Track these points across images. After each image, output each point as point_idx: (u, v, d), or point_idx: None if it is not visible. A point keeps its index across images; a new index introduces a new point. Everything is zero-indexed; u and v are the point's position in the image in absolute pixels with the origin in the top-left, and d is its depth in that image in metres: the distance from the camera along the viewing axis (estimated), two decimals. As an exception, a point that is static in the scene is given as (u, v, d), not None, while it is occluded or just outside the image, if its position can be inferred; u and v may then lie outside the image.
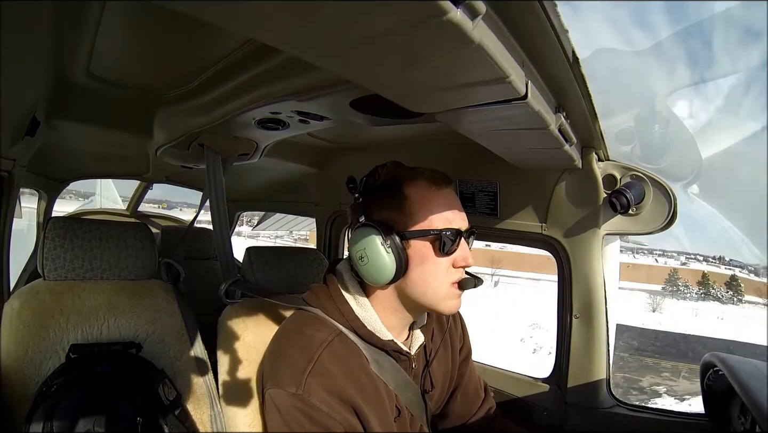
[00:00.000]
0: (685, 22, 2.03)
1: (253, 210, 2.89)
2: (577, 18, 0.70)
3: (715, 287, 34.10)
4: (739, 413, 0.83)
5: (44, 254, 0.98)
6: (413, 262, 0.77)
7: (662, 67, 1.06)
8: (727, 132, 1.15)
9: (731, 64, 1.10)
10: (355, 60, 0.52)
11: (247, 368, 0.89)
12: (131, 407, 0.84)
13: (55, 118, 1.21)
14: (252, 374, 0.88)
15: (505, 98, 0.60)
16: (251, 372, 0.89)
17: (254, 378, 0.88)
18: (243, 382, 0.88)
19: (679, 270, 36.99)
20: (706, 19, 1.29)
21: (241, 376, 0.88)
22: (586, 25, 0.89)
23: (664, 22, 11.25)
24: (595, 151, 1.01)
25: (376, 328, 0.81)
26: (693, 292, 34.06)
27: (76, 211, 3.96)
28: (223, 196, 1.22)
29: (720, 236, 15.96)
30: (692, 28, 1.35)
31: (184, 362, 1.02)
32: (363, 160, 1.52)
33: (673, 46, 1.15)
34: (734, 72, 1.09)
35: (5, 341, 0.88)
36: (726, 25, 1.21)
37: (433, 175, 0.80)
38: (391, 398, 0.81)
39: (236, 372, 0.89)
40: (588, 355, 1.08)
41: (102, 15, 0.74)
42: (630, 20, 14.21)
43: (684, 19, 5.71)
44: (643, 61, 1.00)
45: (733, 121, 1.16)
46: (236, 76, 0.91)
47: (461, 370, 1.01)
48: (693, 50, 1.10)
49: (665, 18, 11.30)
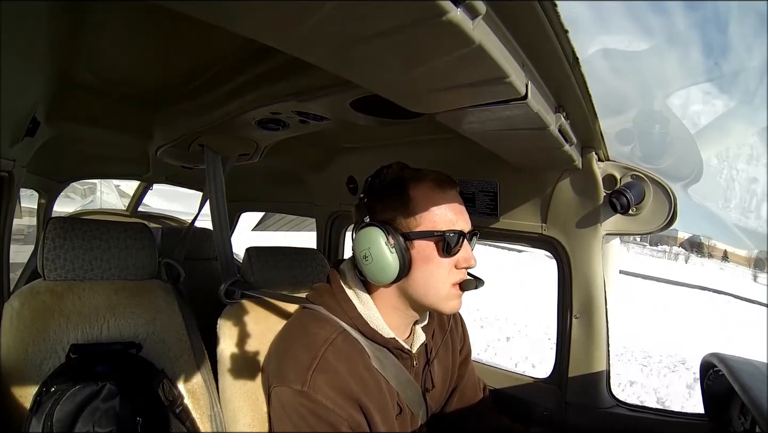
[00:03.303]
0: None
1: (253, 210, 2.89)
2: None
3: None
4: (739, 413, 0.83)
5: (44, 254, 0.97)
6: (416, 262, 0.78)
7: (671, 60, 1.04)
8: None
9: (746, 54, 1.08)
10: (355, 60, 0.53)
11: (247, 368, 0.89)
12: (131, 407, 0.85)
13: (55, 118, 1.20)
14: (252, 373, 0.88)
15: (505, 98, 0.60)
16: (251, 372, 0.89)
17: (254, 378, 0.88)
18: (243, 382, 0.88)
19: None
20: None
21: (241, 376, 0.88)
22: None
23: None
24: (595, 151, 1.01)
25: (379, 326, 0.82)
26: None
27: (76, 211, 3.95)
28: (223, 196, 1.22)
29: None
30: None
31: (184, 362, 1.02)
32: (363, 160, 1.52)
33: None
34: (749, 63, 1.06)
35: (5, 341, 0.88)
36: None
37: (437, 177, 0.81)
38: (392, 395, 0.82)
39: (236, 372, 0.89)
40: (588, 355, 1.08)
41: (102, 15, 0.74)
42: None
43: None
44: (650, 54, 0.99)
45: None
46: (236, 77, 0.91)
47: (461, 370, 1.01)
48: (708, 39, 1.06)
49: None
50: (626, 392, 4.36)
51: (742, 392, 0.69)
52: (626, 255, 25.03)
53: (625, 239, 20.06)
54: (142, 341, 0.99)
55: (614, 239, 1.09)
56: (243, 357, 0.90)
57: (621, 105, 0.97)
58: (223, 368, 0.91)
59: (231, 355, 0.90)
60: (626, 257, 23.60)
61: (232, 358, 0.90)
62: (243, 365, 0.89)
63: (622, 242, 1.02)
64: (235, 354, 0.90)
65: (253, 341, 0.92)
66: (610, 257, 1.08)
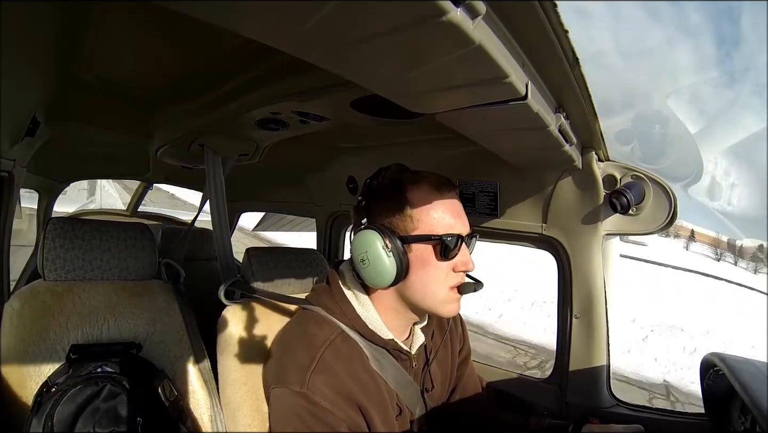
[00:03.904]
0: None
1: (254, 210, 2.89)
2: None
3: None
4: (739, 413, 0.83)
5: (44, 255, 0.97)
6: (414, 266, 0.78)
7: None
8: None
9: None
10: (355, 60, 0.53)
11: (246, 368, 0.89)
12: (132, 408, 0.85)
13: (55, 119, 1.20)
14: (252, 374, 0.88)
15: (505, 98, 0.60)
16: (251, 372, 0.89)
17: (254, 378, 0.88)
18: (243, 382, 0.88)
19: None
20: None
21: (241, 376, 0.88)
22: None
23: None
24: (595, 152, 1.00)
25: (378, 327, 0.82)
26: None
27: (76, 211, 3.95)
28: (223, 196, 1.22)
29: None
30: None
31: (184, 362, 1.02)
32: (363, 161, 1.52)
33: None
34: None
35: (5, 341, 0.88)
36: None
37: (436, 179, 0.80)
38: (392, 396, 0.82)
39: (236, 372, 0.89)
40: (588, 355, 1.08)
41: (102, 15, 0.74)
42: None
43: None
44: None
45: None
46: (236, 77, 0.91)
47: (460, 370, 1.01)
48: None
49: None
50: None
51: (742, 392, 0.69)
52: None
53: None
54: (142, 342, 0.99)
55: (614, 238, 1.09)
56: (243, 357, 0.90)
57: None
58: (223, 368, 0.91)
59: (231, 355, 0.90)
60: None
61: (232, 358, 0.90)
62: (243, 365, 0.89)
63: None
64: (235, 354, 0.90)
65: (253, 342, 0.92)
66: (610, 256, 1.08)
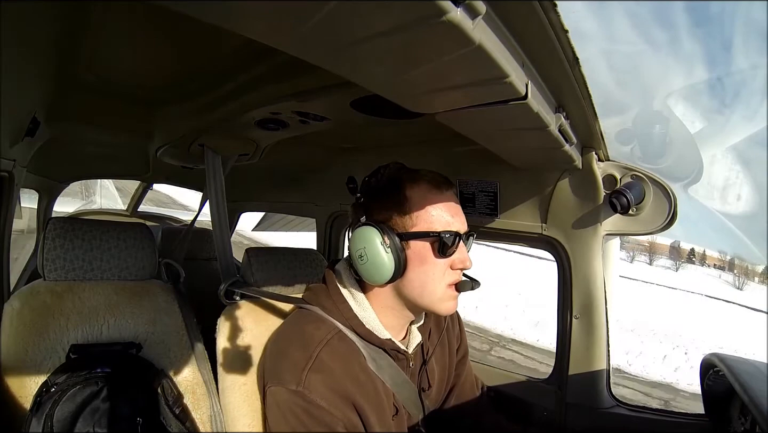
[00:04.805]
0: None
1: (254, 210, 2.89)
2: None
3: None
4: (739, 413, 0.83)
5: (44, 255, 0.97)
6: (412, 262, 0.78)
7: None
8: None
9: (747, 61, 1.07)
10: (355, 60, 0.52)
11: (246, 368, 0.89)
12: (131, 407, 0.85)
13: (55, 119, 1.20)
14: (252, 374, 0.88)
15: (505, 98, 0.60)
16: (251, 372, 0.89)
17: (254, 378, 0.88)
18: (243, 382, 0.88)
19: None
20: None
21: (241, 376, 0.88)
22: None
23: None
24: (595, 151, 1.01)
25: (374, 327, 0.82)
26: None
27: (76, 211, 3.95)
28: (223, 196, 1.22)
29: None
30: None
31: (184, 362, 1.02)
32: (363, 160, 1.52)
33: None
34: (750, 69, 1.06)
35: (5, 341, 0.87)
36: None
37: (434, 177, 0.81)
38: (388, 396, 0.82)
39: (236, 372, 0.89)
40: (588, 355, 1.08)
41: (102, 15, 0.74)
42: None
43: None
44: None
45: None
46: (236, 77, 0.91)
47: (458, 369, 1.01)
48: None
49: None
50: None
51: (742, 392, 0.69)
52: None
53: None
54: (142, 341, 0.99)
55: (614, 239, 1.09)
56: (243, 357, 0.90)
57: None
58: (223, 368, 0.91)
59: (231, 355, 0.90)
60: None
61: (232, 358, 0.90)
62: (243, 365, 0.89)
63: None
64: (235, 354, 0.90)
65: (253, 342, 0.92)
66: (610, 257, 1.08)
